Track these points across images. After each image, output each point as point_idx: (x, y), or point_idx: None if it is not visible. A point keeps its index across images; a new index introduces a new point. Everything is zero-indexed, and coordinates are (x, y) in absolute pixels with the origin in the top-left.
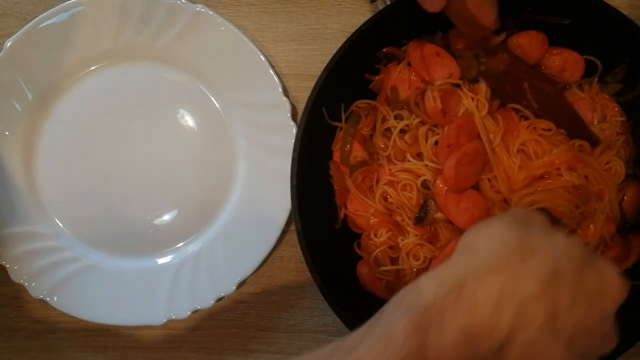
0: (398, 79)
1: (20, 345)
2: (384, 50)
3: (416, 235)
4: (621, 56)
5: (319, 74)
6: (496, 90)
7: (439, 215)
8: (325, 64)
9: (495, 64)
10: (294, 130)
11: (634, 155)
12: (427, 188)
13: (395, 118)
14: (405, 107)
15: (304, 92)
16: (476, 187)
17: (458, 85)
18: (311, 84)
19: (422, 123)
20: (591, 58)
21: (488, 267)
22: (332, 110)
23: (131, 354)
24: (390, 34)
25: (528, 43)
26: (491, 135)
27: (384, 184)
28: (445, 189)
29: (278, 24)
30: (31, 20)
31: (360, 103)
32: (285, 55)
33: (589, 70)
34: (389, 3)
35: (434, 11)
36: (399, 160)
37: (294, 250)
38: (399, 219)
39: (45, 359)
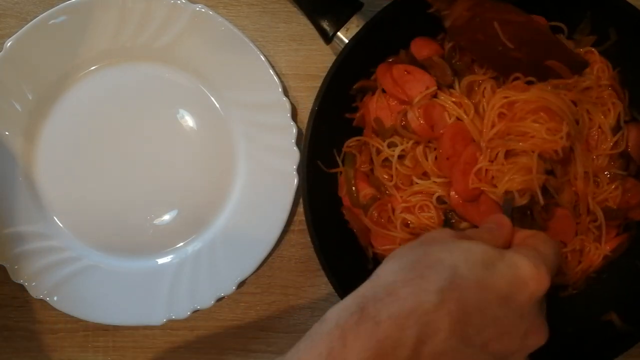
0: (378, 108)
1: (20, 345)
2: (355, 87)
3: None
4: (582, 13)
5: (319, 74)
6: (469, 44)
7: (464, 224)
8: (325, 64)
9: (459, 12)
10: (294, 130)
11: (628, 102)
12: (444, 202)
13: (389, 146)
14: (394, 133)
15: (304, 92)
16: None
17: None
18: (311, 83)
19: (417, 143)
20: (553, 23)
21: (387, 288)
22: (327, 159)
23: (131, 354)
24: (357, 68)
25: None
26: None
27: (401, 212)
28: (462, 200)
29: (278, 24)
30: (31, 20)
31: (351, 142)
32: (285, 55)
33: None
34: (346, 41)
35: None
36: (407, 186)
37: (294, 250)
38: None
39: (45, 359)
